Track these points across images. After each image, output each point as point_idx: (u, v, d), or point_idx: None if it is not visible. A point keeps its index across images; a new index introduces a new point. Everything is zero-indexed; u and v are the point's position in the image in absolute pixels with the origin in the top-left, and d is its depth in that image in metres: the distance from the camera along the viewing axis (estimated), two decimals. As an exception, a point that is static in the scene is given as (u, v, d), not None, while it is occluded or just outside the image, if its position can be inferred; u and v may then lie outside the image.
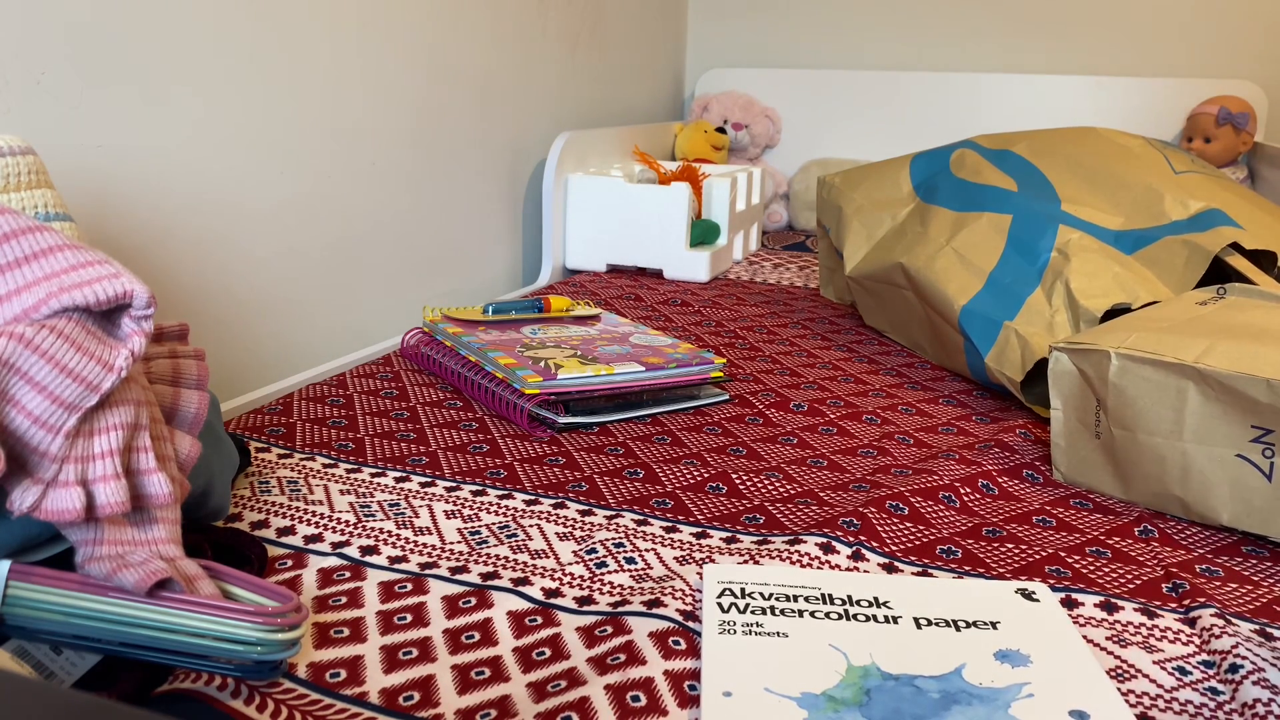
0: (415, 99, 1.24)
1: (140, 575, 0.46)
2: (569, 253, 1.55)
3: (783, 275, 1.56)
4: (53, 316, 0.46)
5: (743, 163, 2.03)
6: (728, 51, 2.18)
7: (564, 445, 0.83)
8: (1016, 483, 0.77)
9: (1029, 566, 0.64)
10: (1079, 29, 1.92)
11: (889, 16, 2.04)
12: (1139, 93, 1.88)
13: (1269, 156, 1.68)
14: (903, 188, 1.17)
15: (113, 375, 0.47)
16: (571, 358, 0.91)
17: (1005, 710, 0.47)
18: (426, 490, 0.73)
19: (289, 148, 1.04)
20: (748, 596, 0.57)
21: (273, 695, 0.49)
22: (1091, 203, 1.01)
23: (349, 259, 1.15)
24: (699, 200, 1.57)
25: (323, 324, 1.12)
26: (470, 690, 0.50)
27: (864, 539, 0.65)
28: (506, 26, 1.44)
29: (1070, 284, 0.91)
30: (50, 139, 0.79)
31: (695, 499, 0.73)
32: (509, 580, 0.61)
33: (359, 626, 0.55)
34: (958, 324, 0.97)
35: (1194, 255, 0.92)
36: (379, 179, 1.19)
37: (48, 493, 0.45)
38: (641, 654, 0.51)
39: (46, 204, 0.60)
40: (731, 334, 1.20)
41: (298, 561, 0.62)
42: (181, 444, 0.53)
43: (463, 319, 1.05)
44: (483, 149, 1.41)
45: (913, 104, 2.02)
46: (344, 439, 0.82)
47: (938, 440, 0.86)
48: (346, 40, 1.10)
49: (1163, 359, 0.68)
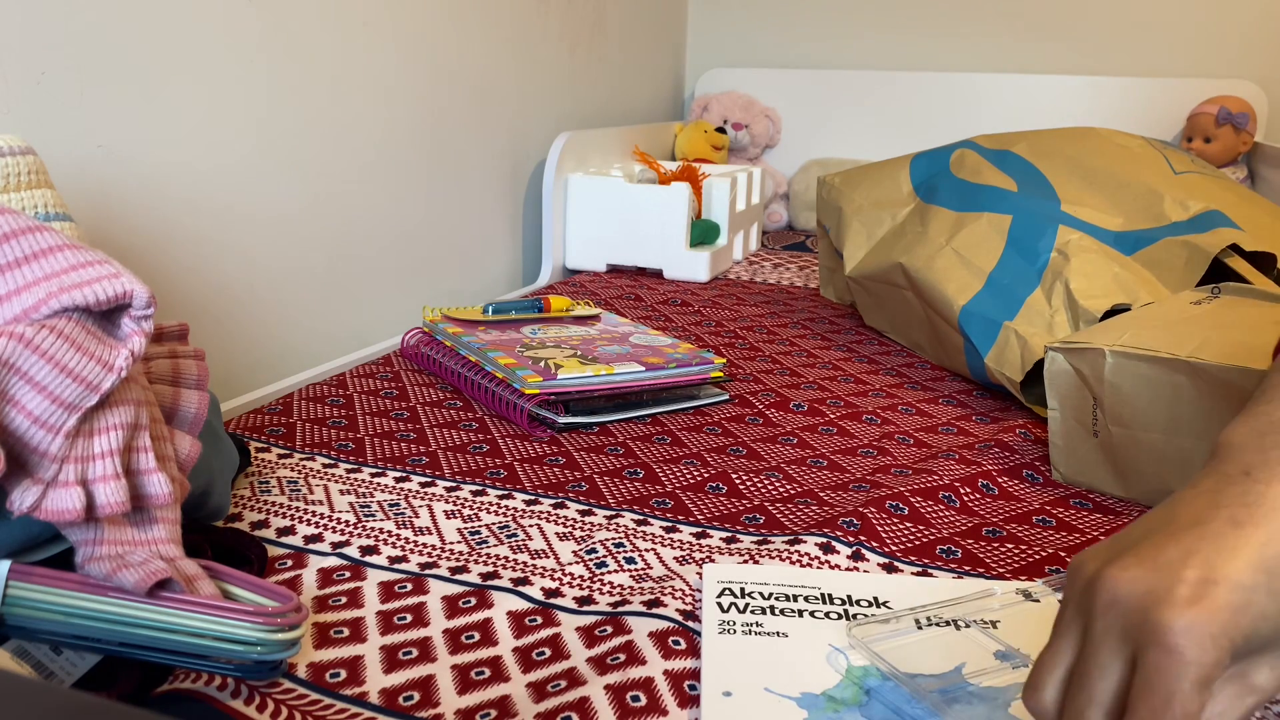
0: (416, 99, 1.24)
1: (140, 575, 0.46)
2: (569, 253, 1.55)
3: (783, 275, 1.56)
4: (53, 316, 0.46)
5: (743, 163, 2.03)
6: (728, 51, 2.18)
7: (564, 445, 0.83)
8: (1016, 483, 0.77)
9: (1029, 566, 0.64)
10: (1079, 29, 1.92)
11: (889, 16, 2.04)
12: (1139, 93, 1.88)
13: (1269, 156, 1.68)
14: (903, 188, 1.17)
15: (113, 375, 0.47)
16: (571, 358, 0.91)
17: (1005, 710, 0.47)
18: (426, 490, 0.73)
19: (289, 148, 1.04)
20: (748, 596, 0.57)
21: (273, 695, 0.49)
22: (1091, 203, 1.01)
23: (349, 259, 1.15)
24: (699, 200, 1.57)
25: (323, 324, 1.12)
26: (470, 690, 0.50)
27: (864, 539, 0.65)
28: (507, 27, 1.44)
29: (1070, 284, 0.91)
30: (50, 139, 0.79)
31: (695, 499, 0.73)
32: (509, 580, 0.61)
33: (359, 626, 0.55)
34: (957, 324, 0.97)
35: (1194, 256, 0.92)
36: (379, 179, 1.19)
37: (48, 493, 0.45)
38: (641, 654, 0.51)
39: (46, 204, 0.60)
40: (731, 334, 1.20)
41: (298, 561, 0.62)
42: (181, 444, 0.53)
43: (463, 319, 1.05)
44: (483, 149, 1.41)
45: (913, 104, 2.02)
46: (344, 439, 0.82)
47: (938, 440, 0.86)
48: (347, 40, 1.10)
49: (1157, 355, 0.68)
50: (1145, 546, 0.37)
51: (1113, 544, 0.40)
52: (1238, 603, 0.35)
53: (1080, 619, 0.38)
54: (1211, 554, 0.36)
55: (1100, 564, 0.38)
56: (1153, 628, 0.35)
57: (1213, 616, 0.34)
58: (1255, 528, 0.36)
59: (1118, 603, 0.36)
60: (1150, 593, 0.35)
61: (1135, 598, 0.36)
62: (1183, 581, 0.35)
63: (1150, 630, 0.35)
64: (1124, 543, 0.39)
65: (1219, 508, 0.38)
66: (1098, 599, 0.37)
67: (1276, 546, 0.36)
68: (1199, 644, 0.34)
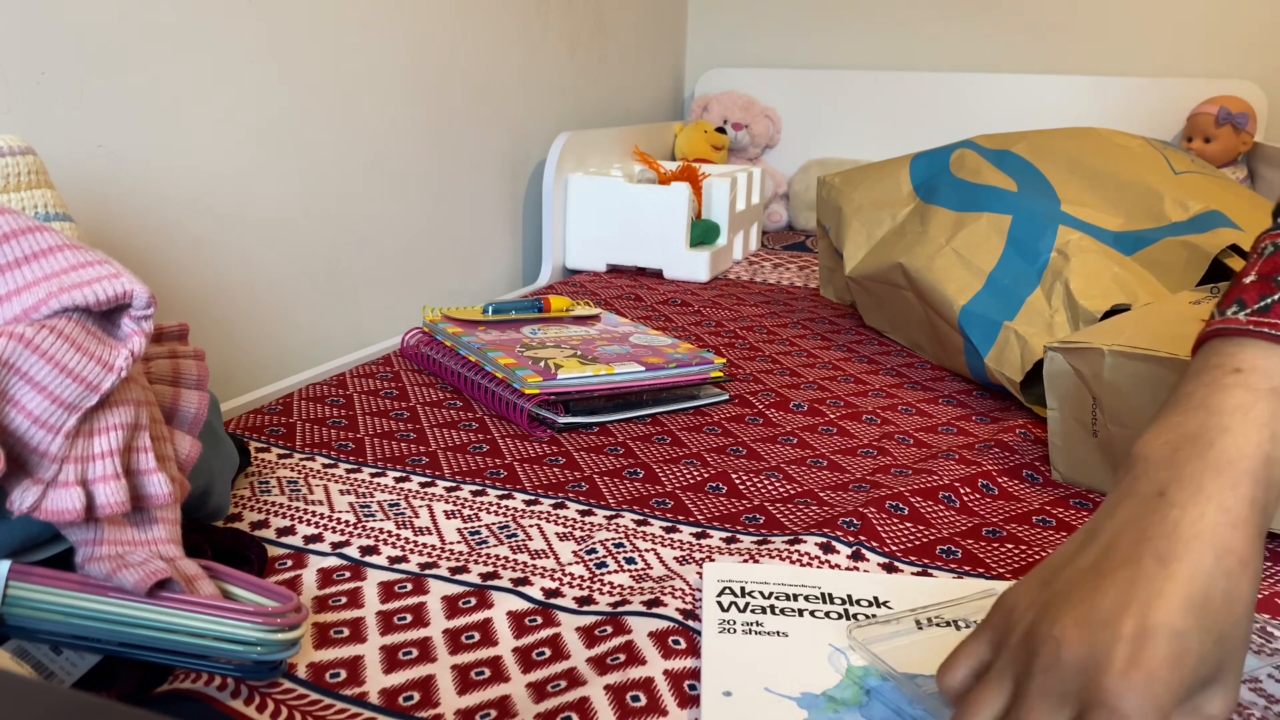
0: (416, 99, 1.24)
1: (140, 575, 0.46)
2: (569, 253, 1.55)
3: (783, 275, 1.56)
4: (53, 316, 0.46)
5: (743, 163, 2.03)
6: (728, 51, 2.18)
7: (564, 445, 0.83)
8: (1016, 483, 0.77)
9: (1029, 566, 0.64)
10: (1078, 29, 1.92)
11: (889, 16, 2.04)
12: (1139, 93, 1.88)
13: (1269, 156, 1.68)
14: (903, 188, 1.17)
15: (113, 375, 0.47)
16: (571, 358, 0.91)
17: (1005, 710, 0.47)
18: (426, 490, 0.73)
19: (289, 147, 1.04)
20: (748, 596, 0.57)
21: (273, 695, 0.49)
22: (1091, 203, 1.01)
23: (349, 259, 1.15)
24: (699, 200, 1.57)
25: (323, 324, 1.12)
26: (470, 690, 0.50)
27: (864, 539, 0.65)
28: (507, 27, 1.44)
29: (1070, 285, 0.91)
30: (50, 139, 0.79)
31: (695, 499, 0.73)
32: (509, 580, 0.61)
33: (359, 626, 0.55)
34: (957, 324, 0.97)
35: (1193, 257, 0.92)
36: (379, 179, 1.19)
37: (48, 493, 0.45)
38: (641, 654, 0.51)
39: (46, 204, 0.60)
40: (731, 334, 1.20)
41: (298, 561, 0.62)
42: (181, 444, 0.53)
43: (463, 319, 1.05)
44: (483, 149, 1.41)
45: (913, 104, 2.02)
46: (344, 439, 0.82)
47: (937, 440, 0.86)
48: (348, 40, 1.10)
49: (1156, 354, 0.68)
50: (1078, 595, 0.39)
51: (1042, 585, 0.41)
52: (1175, 653, 0.36)
53: (1013, 669, 0.39)
54: (1143, 602, 0.37)
55: (1035, 613, 0.40)
56: (1096, 692, 0.36)
57: (1153, 676, 0.36)
58: (1179, 563, 0.38)
59: (1059, 665, 0.37)
60: (1090, 657, 0.37)
61: (1076, 663, 0.37)
62: (1120, 639, 0.36)
63: (1094, 694, 0.36)
64: (1056, 587, 0.40)
65: (1143, 542, 0.39)
66: (1038, 659, 0.38)
67: (1201, 580, 0.37)
68: (1141, 705, 0.35)
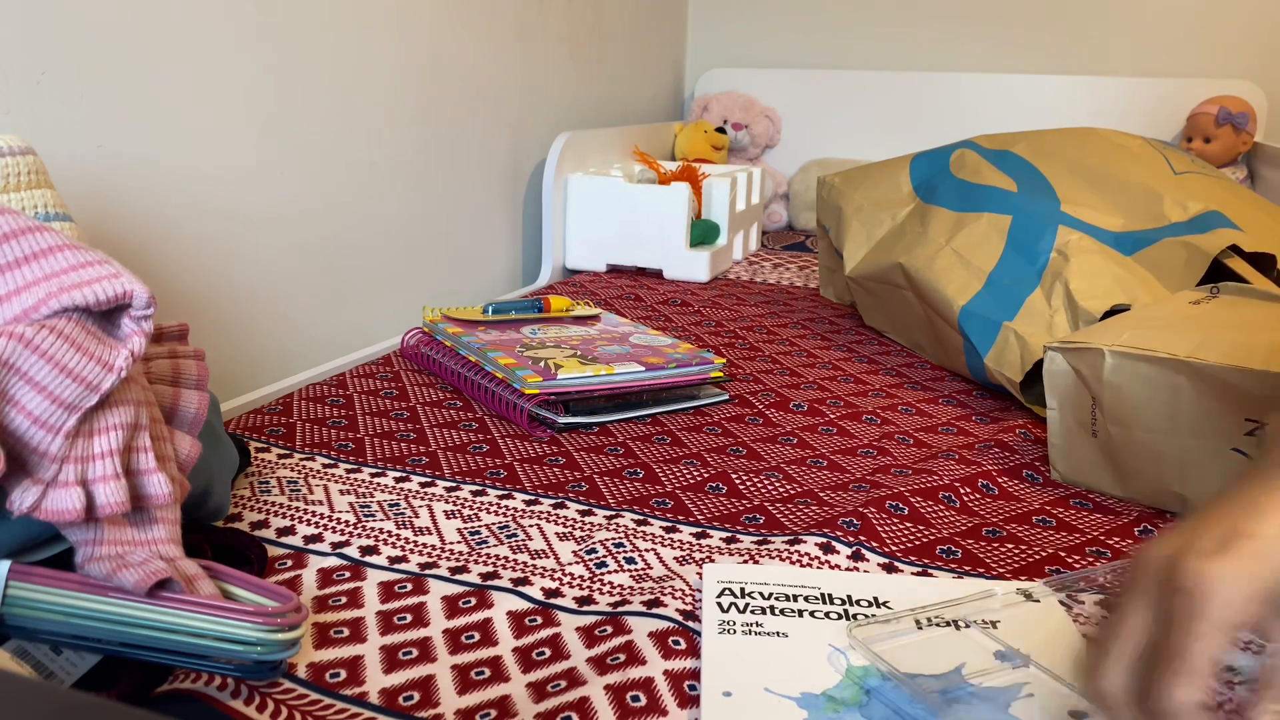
0: (416, 99, 1.24)
1: (140, 575, 0.46)
2: (569, 253, 1.55)
3: (783, 275, 1.56)
4: (53, 316, 0.46)
5: (743, 163, 2.03)
6: (728, 51, 2.18)
7: (564, 445, 0.83)
8: (1016, 483, 0.77)
9: (1029, 566, 0.64)
10: (1078, 29, 1.92)
11: (888, 16, 2.04)
12: (1139, 93, 1.88)
13: (1269, 156, 1.68)
14: (903, 188, 1.17)
15: (113, 375, 0.47)
16: (571, 358, 0.91)
17: (1005, 710, 0.47)
18: (426, 490, 0.73)
19: (289, 148, 1.04)
20: (747, 596, 0.57)
21: (273, 695, 0.49)
22: (1091, 204, 1.01)
23: (349, 259, 1.15)
24: (699, 200, 1.57)
25: (323, 324, 1.12)
26: (470, 690, 0.50)
27: (864, 539, 0.65)
28: (507, 27, 1.44)
29: (1070, 285, 0.91)
30: (50, 139, 0.79)
31: (695, 499, 0.73)
32: (509, 580, 0.61)
33: (359, 626, 0.55)
34: (957, 324, 0.97)
35: (1193, 257, 0.92)
36: (379, 179, 1.19)
37: (48, 493, 0.45)
38: (641, 654, 0.51)
39: (46, 204, 0.60)
40: (731, 334, 1.20)
41: (298, 561, 0.62)
42: (181, 444, 0.53)
43: (462, 319, 1.05)
44: (483, 149, 1.41)
45: (913, 104, 2.02)
46: (344, 439, 0.82)
47: (937, 440, 0.86)
48: (347, 40, 1.10)
49: (1156, 355, 0.68)
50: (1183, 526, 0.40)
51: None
52: (1261, 551, 0.36)
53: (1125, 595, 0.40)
54: (1239, 517, 0.38)
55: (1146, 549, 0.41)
56: (1176, 575, 0.37)
57: (1235, 564, 0.36)
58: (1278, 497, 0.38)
59: (1149, 564, 0.38)
60: (1176, 548, 0.38)
61: (1164, 556, 0.38)
62: (1207, 536, 0.37)
63: (1174, 577, 0.37)
64: None
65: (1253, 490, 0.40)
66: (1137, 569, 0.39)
67: None
68: (1220, 588, 0.35)
